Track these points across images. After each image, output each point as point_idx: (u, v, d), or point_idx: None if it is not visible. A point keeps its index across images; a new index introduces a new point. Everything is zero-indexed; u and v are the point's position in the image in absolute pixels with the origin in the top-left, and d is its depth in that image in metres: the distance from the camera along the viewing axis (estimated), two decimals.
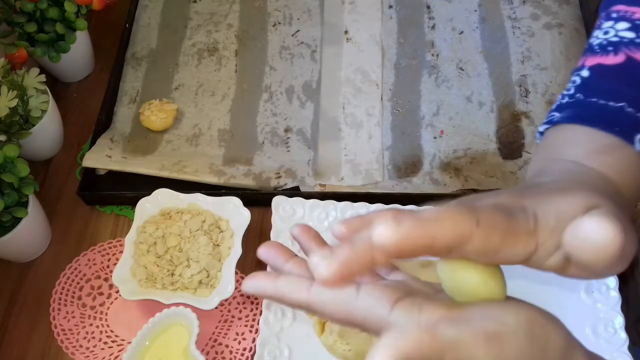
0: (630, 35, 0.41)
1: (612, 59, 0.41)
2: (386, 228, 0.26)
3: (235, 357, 0.65)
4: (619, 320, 0.62)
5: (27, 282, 0.72)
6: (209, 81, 0.86)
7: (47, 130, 0.78)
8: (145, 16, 0.93)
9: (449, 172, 0.76)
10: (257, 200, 0.73)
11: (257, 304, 0.68)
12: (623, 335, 0.62)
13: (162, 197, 0.71)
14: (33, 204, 0.69)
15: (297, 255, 0.35)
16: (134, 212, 0.70)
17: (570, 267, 0.30)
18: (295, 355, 0.63)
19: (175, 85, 0.86)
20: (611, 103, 0.39)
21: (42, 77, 0.76)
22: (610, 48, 0.41)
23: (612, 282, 0.64)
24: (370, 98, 0.82)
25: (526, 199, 0.31)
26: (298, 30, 0.90)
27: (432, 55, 0.86)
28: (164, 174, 0.75)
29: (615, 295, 0.64)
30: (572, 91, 0.42)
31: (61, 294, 0.70)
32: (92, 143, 0.79)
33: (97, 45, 0.90)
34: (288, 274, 0.33)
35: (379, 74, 0.84)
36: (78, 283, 0.71)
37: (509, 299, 0.31)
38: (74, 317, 0.69)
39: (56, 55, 0.81)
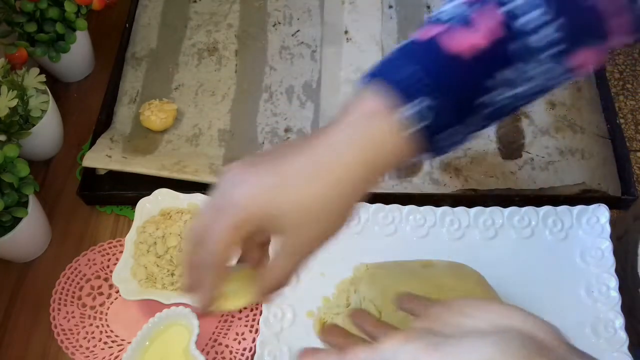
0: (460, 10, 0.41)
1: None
2: None
3: (235, 357, 0.65)
4: (619, 320, 0.62)
5: (27, 282, 0.72)
6: (209, 81, 0.86)
7: (47, 130, 0.78)
8: (145, 16, 0.93)
9: (449, 172, 0.76)
10: None
11: (257, 304, 0.68)
12: (623, 335, 0.61)
13: (162, 197, 0.71)
14: (33, 204, 0.69)
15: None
16: (134, 212, 0.70)
17: None
18: (295, 355, 0.63)
19: (175, 85, 0.86)
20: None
21: (42, 77, 0.76)
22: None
23: (612, 282, 0.64)
24: None
25: None
26: (298, 30, 0.90)
27: None
28: (164, 174, 0.75)
29: (615, 295, 0.63)
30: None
31: (61, 294, 0.70)
32: (92, 143, 0.79)
33: (97, 45, 0.90)
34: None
35: None
36: (78, 283, 0.71)
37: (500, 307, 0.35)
38: (74, 317, 0.69)
39: (56, 55, 0.81)
